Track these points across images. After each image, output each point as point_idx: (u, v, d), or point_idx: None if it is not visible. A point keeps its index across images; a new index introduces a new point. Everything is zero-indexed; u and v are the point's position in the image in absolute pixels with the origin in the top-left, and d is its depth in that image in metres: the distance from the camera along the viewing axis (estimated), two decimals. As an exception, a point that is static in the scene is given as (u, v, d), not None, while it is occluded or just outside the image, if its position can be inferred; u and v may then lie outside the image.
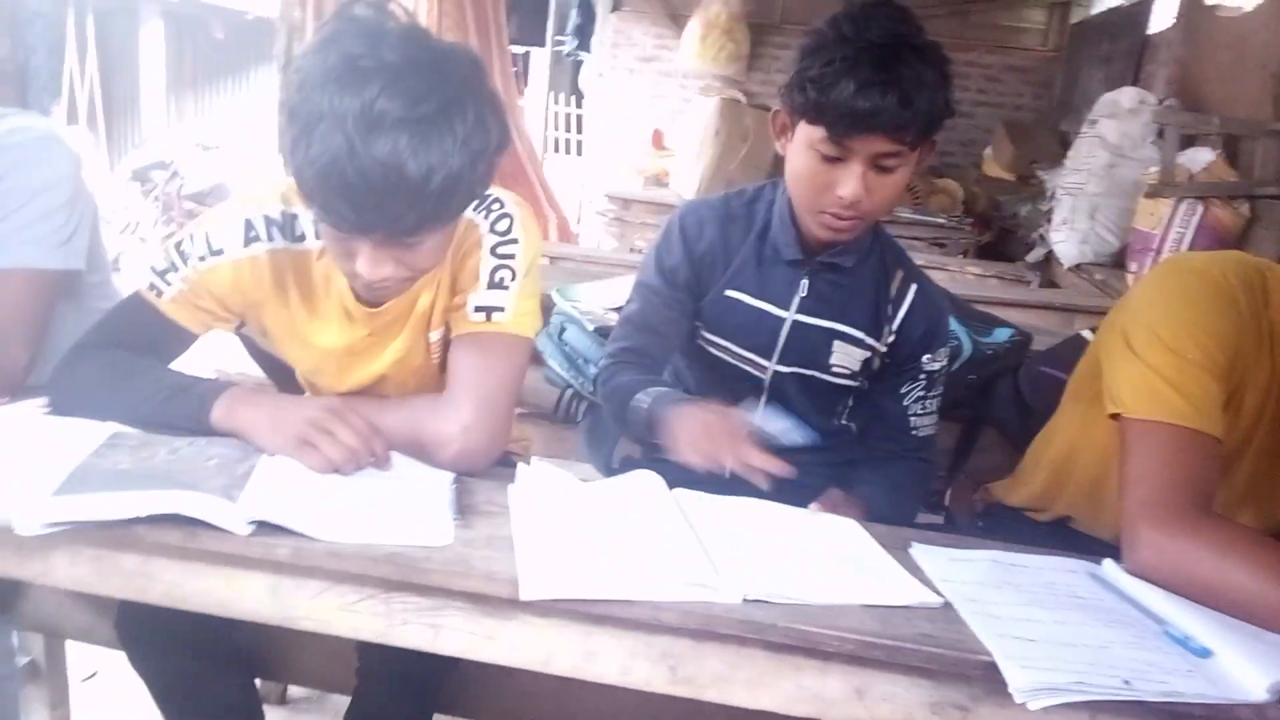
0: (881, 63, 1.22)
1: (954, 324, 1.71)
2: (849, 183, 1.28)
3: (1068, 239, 4.32)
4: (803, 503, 1.20)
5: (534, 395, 1.91)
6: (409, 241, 1.05)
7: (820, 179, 1.31)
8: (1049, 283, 4.61)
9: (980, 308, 1.95)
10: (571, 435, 2.05)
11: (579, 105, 9.24)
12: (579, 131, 9.16)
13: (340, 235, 1.05)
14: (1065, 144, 5.27)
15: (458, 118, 0.97)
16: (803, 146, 1.31)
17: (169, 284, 1.20)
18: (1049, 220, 4.63)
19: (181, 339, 1.24)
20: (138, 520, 0.91)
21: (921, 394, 1.47)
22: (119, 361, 1.17)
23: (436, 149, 0.96)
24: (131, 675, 1.66)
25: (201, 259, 1.20)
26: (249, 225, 1.21)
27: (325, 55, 0.95)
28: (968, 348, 1.73)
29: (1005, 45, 6.89)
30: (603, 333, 1.86)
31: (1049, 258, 4.68)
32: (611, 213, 5.76)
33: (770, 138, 1.42)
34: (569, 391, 1.90)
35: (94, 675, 2.06)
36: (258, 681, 1.55)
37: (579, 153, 8.79)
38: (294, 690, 2.06)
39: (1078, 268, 4.28)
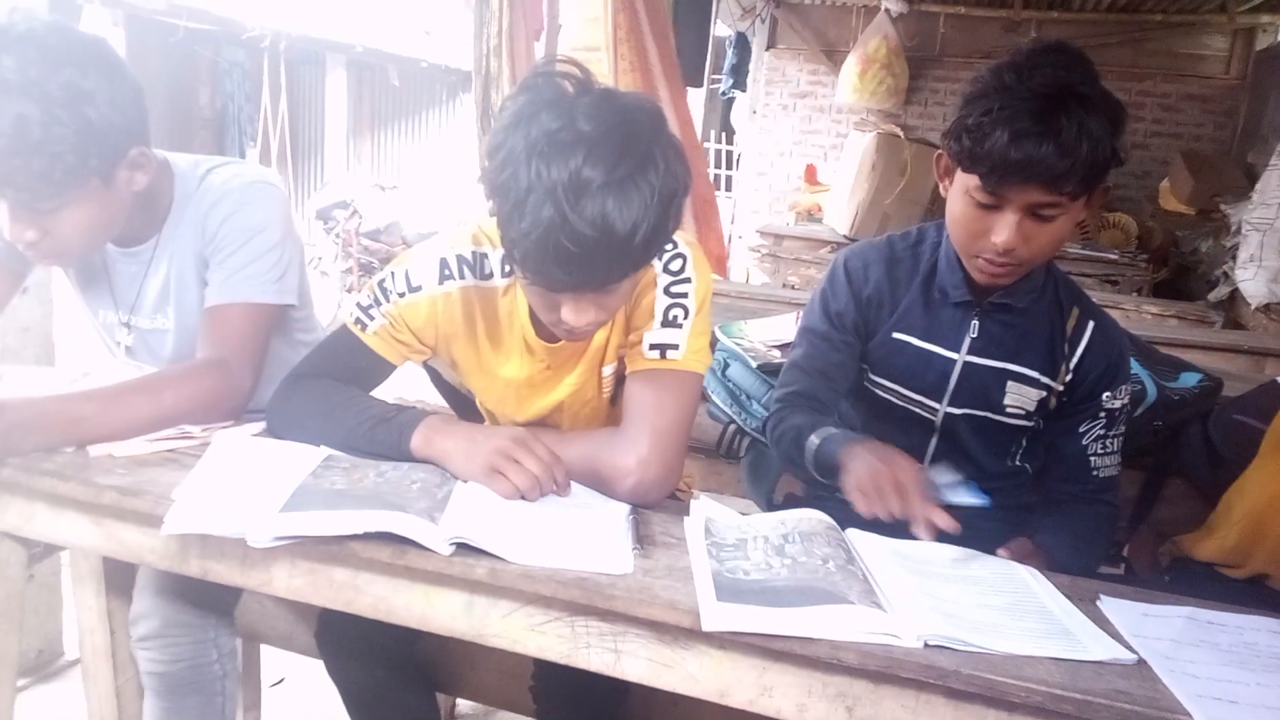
0: (1040, 112, 1.19)
1: (1137, 368, 1.64)
2: (1003, 231, 1.26)
3: (1255, 277, 4.05)
4: (978, 548, 1.18)
5: (696, 430, 1.94)
6: (610, 288, 1.11)
7: (975, 225, 1.30)
8: (1234, 323, 4.34)
9: (1160, 349, 1.86)
10: (729, 470, 2.07)
11: (729, 142, 9.34)
12: (729, 167, 9.25)
13: (546, 291, 1.12)
14: (1251, 176, 4.96)
15: (651, 171, 1.03)
16: (960, 192, 1.31)
17: (372, 318, 1.30)
18: (1234, 257, 4.36)
19: (382, 369, 1.33)
20: (351, 537, 0.99)
21: (1102, 433, 1.42)
22: (328, 391, 1.27)
23: (638, 205, 1.01)
24: (316, 683, 1.76)
25: (401, 295, 1.29)
26: (444, 264, 1.30)
27: (526, 131, 1.02)
28: (1152, 393, 1.66)
29: (1183, 73, 6.55)
30: (765, 369, 1.88)
31: (1233, 296, 4.40)
32: (764, 249, 5.77)
33: (933, 176, 1.42)
34: (731, 427, 1.93)
35: (281, 681, 2.21)
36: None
37: (728, 188, 8.87)
38: (461, 706, 2.15)
39: (1266, 308, 4.01)
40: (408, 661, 1.43)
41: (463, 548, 1.00)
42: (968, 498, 1.20)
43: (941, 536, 1.20)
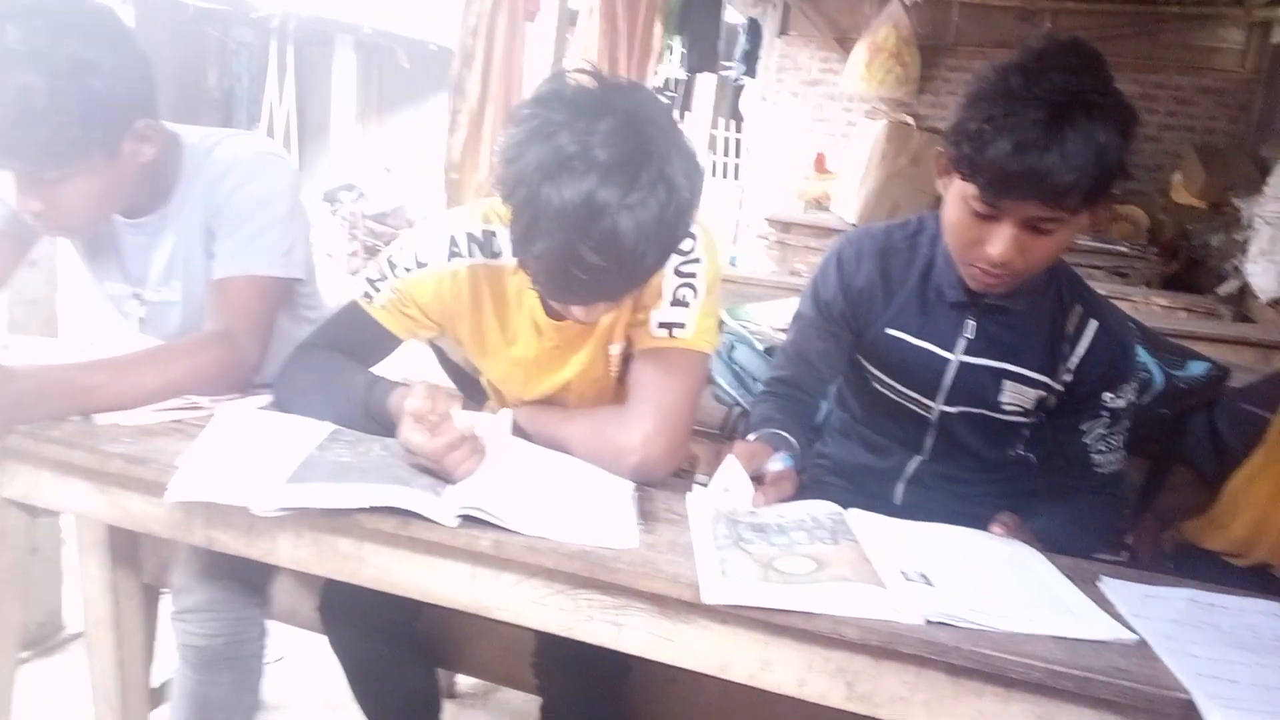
0: (1046, 122, 1.11)
1: (1145, 356, 1.63)
2: (998, 243, 1.21)
3: (1266, 271, 4.03)
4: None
5: (701, 413, 1.94)
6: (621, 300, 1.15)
7: (971, 233, 1.25)
8: (1243, 317, 4.32)
9: (1175, 342, 1.86)
10: (736, 454, 2.07)
11: (738, 130, 9.31)
12: (737, 155, 9.22)
13: None
14: (1264, 170, 4.93)
15: (663, 190, 1.02)
16: (957, 198, 1.25)
17: (379, 291, 1.30)
18: (1245, 251, 4.34)
19: (388, 343, 1.34)
20: (356, 509, 1.00)
21: (1104, 432, 1.39)
22: (327, 365, 1.28)
23: (650, 229, 1.01)
24: (315, 661, 1.75)
25: (409, 270, 1.29)
26: (453, 241, 1.29)
27: (541, 151, 1.01)
28: (1159, 381, 1.65)
29: (1198, 66, 6.49)
30: (772, 352, 1.89)
31: (1243, 291, 4.38)
32: (772, 236, 5.76)
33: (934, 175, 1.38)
34: (737, 410, 1.93)
35: (281, 659, 2.22)
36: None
37: (736, 176, 8.85)
38: (462, 683, 2.16)
39: (1276, 302, 3.99)
40: (409, 636, 1.44)
41: (467, 520, 1.00)
42: (779, 464, 1.22)
43: (944, 518, 1.21)
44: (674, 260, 1.24)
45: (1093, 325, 1.37)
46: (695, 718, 1.46)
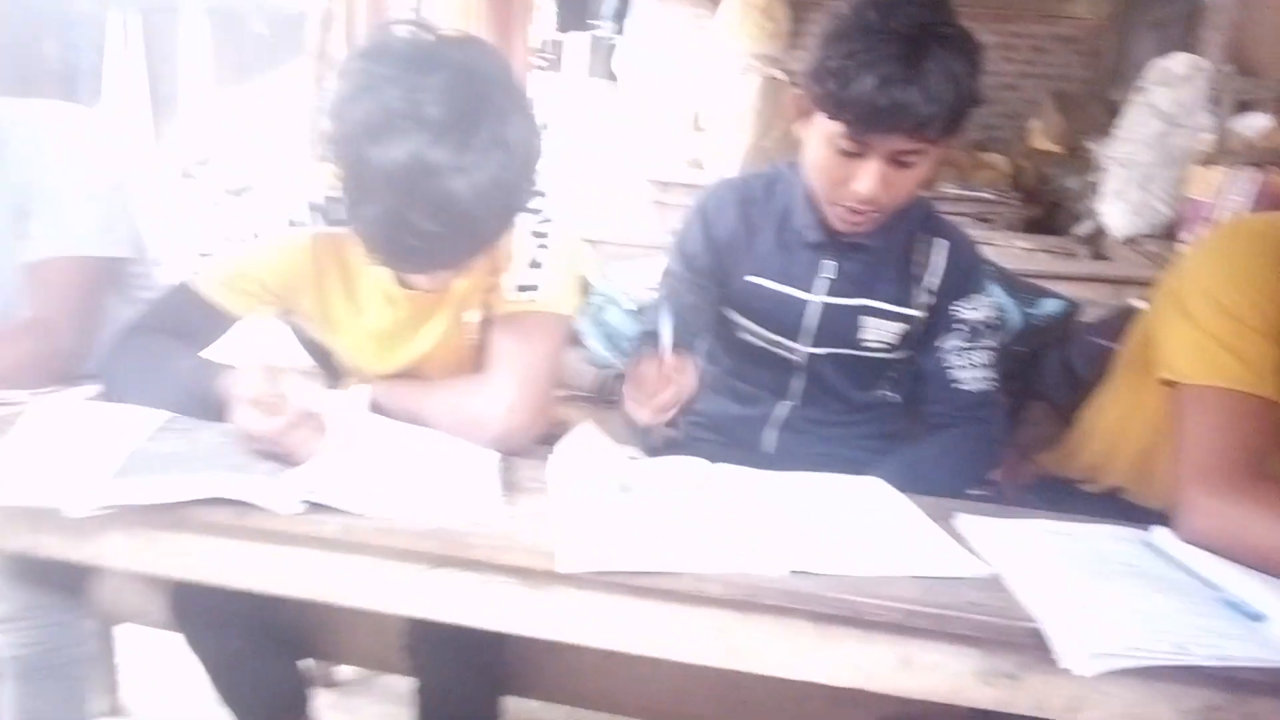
0: (905, 56, 1.14)
1: (1002, 296, 1.67)
2: (866, 180, 1.23)
3: (1118, 211, 4.22)
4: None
5: (575, 376, 1.91)
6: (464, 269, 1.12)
7: (837, 173, 1.26)
8: (1099, 256, 4.52)
9: (1029, 281, 1.90)
10: (612, 417, 2.05)
11: (612, 90, 9.21)
12: (612, 116, 9.12)
13: None
14: (1116, 114, 5.15)
15: (502, 149, 0.97)
16: (821, 138, 1.26)
17: (212, 267, 1.22)
18: (1098, 192, 4.53)
19: (223, 321, 1.25)
20: (189, 501, 0.93)
21: (960, 345, 1.39)
22: (153, 348, 1.19)
23: (488, 188, 0.96)
24: (179, 661, 1.66)
25: (245, 241, 1.21)
26: (291, 209, 1.22)
27: (368, 107, 0.94)
28: (1016, 320, 1.69)
29: (1053, 14, 6.73)
30: (642, 311, 1.86)
31: (1099, 230, 4.58)
32: (649, 196, 5.74)
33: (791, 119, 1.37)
34: (609, 372, 1.90)
35: (142, 662, 2.10)
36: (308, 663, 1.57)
37: (611, 137, 8.75)
38: (343, 672, 2.09)
39: (1129, 240, 4.18)
40: (269, 629, 1.36)
41: (313, 506, 0.94)
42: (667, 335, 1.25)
43: (814, 462, 1.21)
44: (527, 221, 1.20)
45: (941, 244, 1.41)
46: (576, 685, 1.45)
